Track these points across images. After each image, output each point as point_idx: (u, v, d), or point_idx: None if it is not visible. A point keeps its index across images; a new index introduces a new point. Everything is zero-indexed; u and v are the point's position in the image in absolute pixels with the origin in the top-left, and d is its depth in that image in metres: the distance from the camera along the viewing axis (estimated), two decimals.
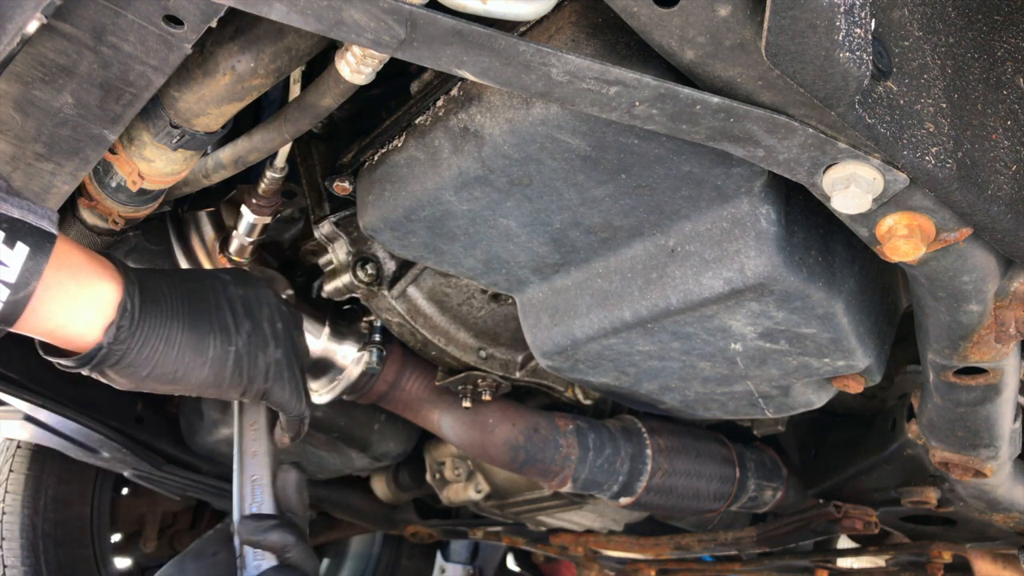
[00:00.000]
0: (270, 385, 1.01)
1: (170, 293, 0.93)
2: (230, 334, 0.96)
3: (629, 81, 0.74)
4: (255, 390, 1.01)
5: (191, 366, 0.93)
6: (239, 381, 0.98)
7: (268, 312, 1.02)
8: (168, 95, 0.93)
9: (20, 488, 2.32)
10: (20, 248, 0.77)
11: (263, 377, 1.00)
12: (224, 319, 0.96)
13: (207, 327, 0.94)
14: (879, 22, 0.79)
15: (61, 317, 0.84)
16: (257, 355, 0.99)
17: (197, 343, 0.93)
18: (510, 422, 1.52)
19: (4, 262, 0.76)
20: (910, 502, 1.69)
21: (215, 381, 0.96)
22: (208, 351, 0.94)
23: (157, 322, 0.90)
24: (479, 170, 1.01)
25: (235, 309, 0.98)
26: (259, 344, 0.99)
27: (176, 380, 0.93)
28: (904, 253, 0.85)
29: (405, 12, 0.69)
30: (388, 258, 1.35)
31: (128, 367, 0.89)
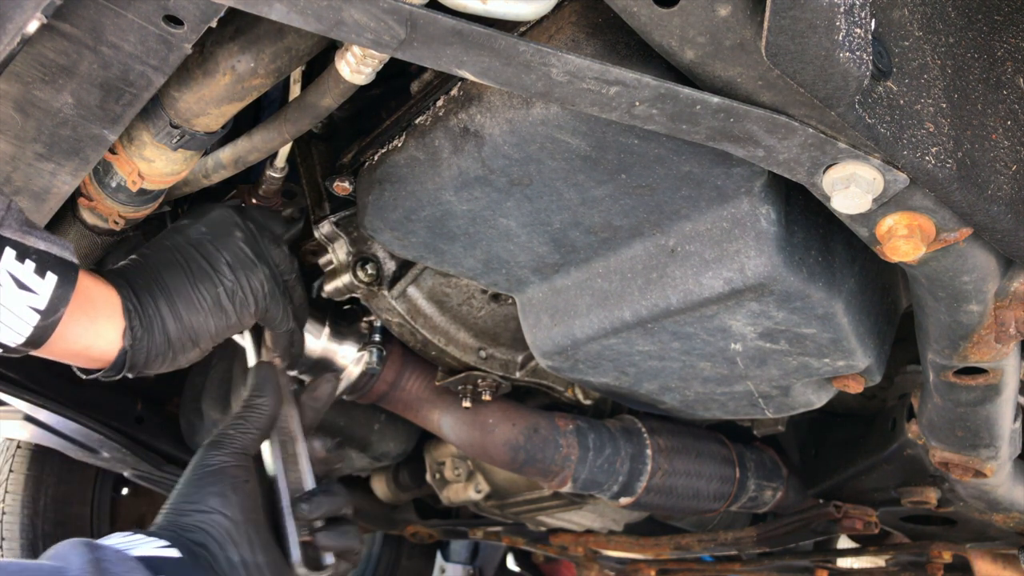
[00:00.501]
0: (266, 304, 1.06)
1: (146, 277, 0.98)
2: (211, 277, 1.02)
3: (629, 81, 0.74)
4: (259, 311, 1.06)
5: (197, 324, 1.00)
6: (246, 310, 1.04)
7: (240, 233, 1.06)
8: (168, 95, 0.93)
9: (20, 488, 2.32)
10: (50, 277, 0.84)
11: (261, 296, 1.05)
12: (200, 268, 1.01)
13: (188, 286, 1.00)
14: (879, 22, 0.79)
15: (86, 338, 0.91)
16: (248, 278, 1.04)
17: (188, 304, 0.99)
18: (510, 422, 1.52)
19: (35, 290, 0.83)
20: (910, 502, 1.69)
21: (225, 324, 1.02)
22: (204, 302, 1.00)
23: (152, 307, 0.96)
24: (479, 170, 1.01)
25: (204, 250, 1.03)
26: (245, 268, 1.04)
27: (196, 342, 1.00)
28: (904, 253, 0.85)
29: (405, 12, 0.69)
30: (388, 258, 1.35)
31: (157, 357, 0.97)
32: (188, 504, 0.93)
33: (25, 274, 0.82)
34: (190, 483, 0.96)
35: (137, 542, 0.85)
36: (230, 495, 0.94)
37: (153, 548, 0.84)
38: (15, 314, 0.82)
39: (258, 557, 0.92)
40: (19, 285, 0.82)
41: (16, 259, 0.81)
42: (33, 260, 0.83)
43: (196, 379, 2.02)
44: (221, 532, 0.91)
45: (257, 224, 1.10)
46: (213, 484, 0.95)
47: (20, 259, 0.82)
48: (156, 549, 0.84)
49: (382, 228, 1.17)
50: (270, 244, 1.11)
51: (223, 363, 1.78)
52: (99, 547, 0.82)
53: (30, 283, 0.82)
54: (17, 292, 0.82)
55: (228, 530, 0.91)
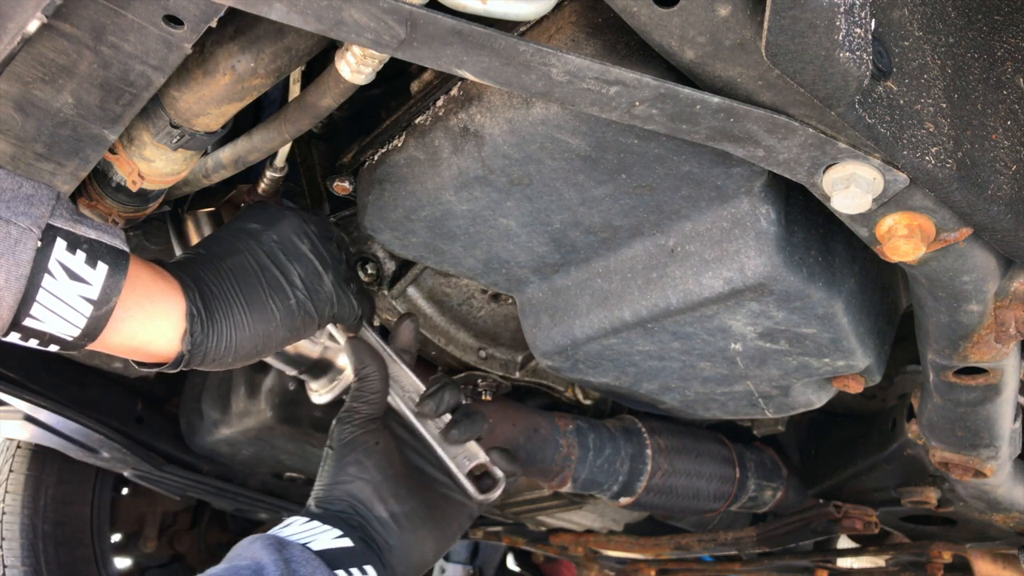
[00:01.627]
0: (335, 308, 1.08)
1: (219, 280, 0.97)
2: (284, 289, 1.01)
3: (629, 81, 0.74)
4: (327, 318, 1.07)
5: (265, 335, 0.99)
6: (312, 321, 1.04)
7: (307, 243, 1.06)
8: (168, 95, 0.93)
9: (20, 488, 2.32)
10: (100, 267, 0.83)
11: (329, 305, 1.06)
12: (274, 278, 1.01)
13: (263, 296, 0.99)
14: (879, 22, 0.79)
15: (144, 335, 0.90)
16: (317, 290, 1.05)
17: (261, 315, 0.99)
18: (510, 422, 1.52)
19: (87, 280, 0.82)
20: (910, 502, 1.69)
21: (291, 334, 1.03)
22: (275, 316, 1.00)
23: (221, 316, 0.95)
24: (479, 170, 1.01)
25: (278, 260, 1.02)
26: (314, 280, 1.04)
27: (260, 352, 1.01)
28: (904, 253, 0.85)
29: (405, 12, 0.69)
30: (388, 258, 1.35)
31: (213, 361, 0.97)
32: (332, 481, 1.03)
33: (77, 264, 0.81)
34: (330, 461, 1.05)
35: (315, 532, 0.95)
36: (364, 460, 1.04)
37: (330, 540, 0.94)
38: (69, 305, 0.82)
39: (405, 506, 1.03)
40: (71, 276, 0.81)
41: (67, 249, 0.81)
42: (84, 250, 0.82)
43: (196, 379, 2.02)
44: (365, 496, 1.01)
45: (319, 227, 1.10)
46: (348, 455, 1.04)
47: (71, 249, 0.81)
48: (332, 540, 0.94)
49: (382, 228, 1.17)
50: (328, 242, 1.11)
51: None
52: (286, 545, 0.91)
53: (82, 273, 0.82)
54: (69, 283, 0.81)
55: (370, 492, 1.01)
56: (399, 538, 1.01)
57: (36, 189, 0.82)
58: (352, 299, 1.10)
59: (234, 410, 1.85)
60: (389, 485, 1.03)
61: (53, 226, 0.81)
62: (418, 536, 1.03)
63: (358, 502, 1.01)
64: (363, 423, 1.07)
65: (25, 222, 0.78)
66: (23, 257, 0.78)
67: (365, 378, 1.10)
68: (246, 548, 0.92)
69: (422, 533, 1.04)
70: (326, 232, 1.12)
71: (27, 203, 0.80)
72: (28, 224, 0.78)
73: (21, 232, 0.78)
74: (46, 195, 0.82)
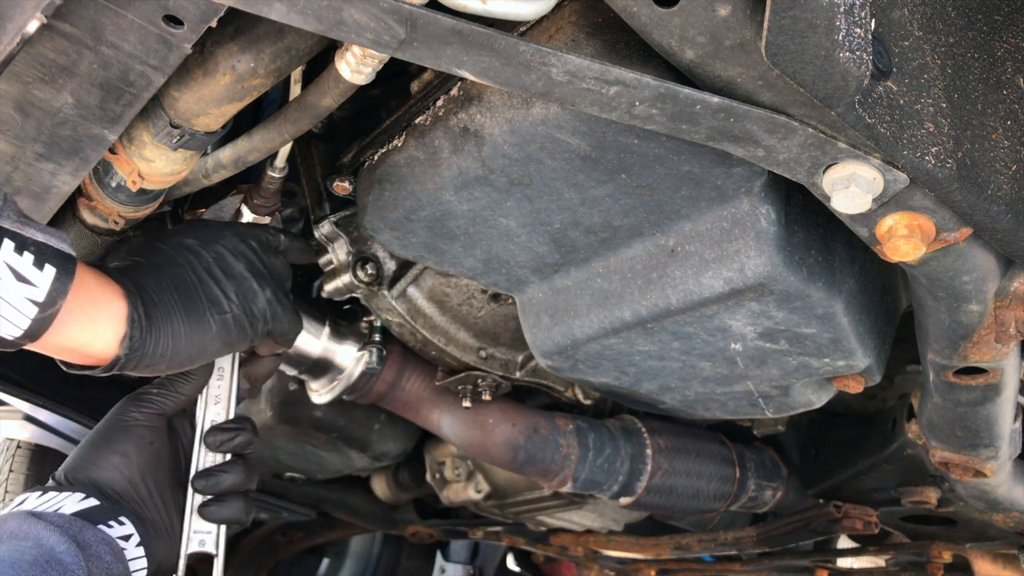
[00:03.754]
0: (271, 325, 1.07)
1: (160, 289, 0.97)
2: (221, 303, 1.02)
3: (629, 81, 0.74)
4: (260, 334, 1.07)
5: (200, 345, 0.99)
6: (245, 336, 1.04)
7: (244, 262, 1.06)
8: (168, 95, 0.93)
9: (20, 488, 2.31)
10: (48, 270, 0.83)
11: (263, 321, 1.06)
12: (211, 291, 1.01)
13: (201, 307, 1.00)
14: (879, 22, 0.79)
15: (83, 337, 0.90)
16: (251, 307, 1.04)
17: (198, 325, 0.99)
18: (510, 422, 1.52)
19: (34, 282, 0.82)
20: (910, 502, 1.69)
21: (225, 346, 1.03)
22: (210, 327, 1.00)
23: (160, 323, 0.96)
24: (479, 170, 1.01)
25: (214, 275, 1.03)
26: (249, 298, 1.04)
27: (193, 360, 1.00)
28: (904, 253, 0.85)
29: (405, 12, 0.69)
30: (388, 258, 1.35)
31: (147, 367, 0.96)
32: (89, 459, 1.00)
33: (24, 266, 0.81)
34: (99, 437, 1.02)
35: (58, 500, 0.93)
36: (133, 455, 1.01)
37: (76, 503, 0.92)
38: (13, 306, 0.81)
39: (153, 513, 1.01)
40: (17, 277, 0.81)
41: (15, 251, 0.81)
42: (32, 252, 0.82)
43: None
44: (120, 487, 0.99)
45: (259, 242, 1.10)
46: (119, 442, 1.01)
47: (19, 251, 0.81)
48: (79, 503, 0.92)
49: (382, 228, 1.17)
50: (270, 257, 1.11)
51: None
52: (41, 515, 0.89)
53: (28, 275, 0.81)
54: (15, 284, 0.81)
55: (125, 487, 0.99)
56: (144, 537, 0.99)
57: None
58: (291, 316, 1.10)
59: None
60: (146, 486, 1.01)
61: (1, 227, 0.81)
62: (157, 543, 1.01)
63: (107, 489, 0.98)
64: (150, 414, 1.04)
65: None
66: None
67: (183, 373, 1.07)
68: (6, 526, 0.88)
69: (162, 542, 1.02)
70: (270, 248, 1.11)
71: None
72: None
73: None
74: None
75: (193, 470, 1.07)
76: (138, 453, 1.02)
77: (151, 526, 1.00)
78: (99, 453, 1.01)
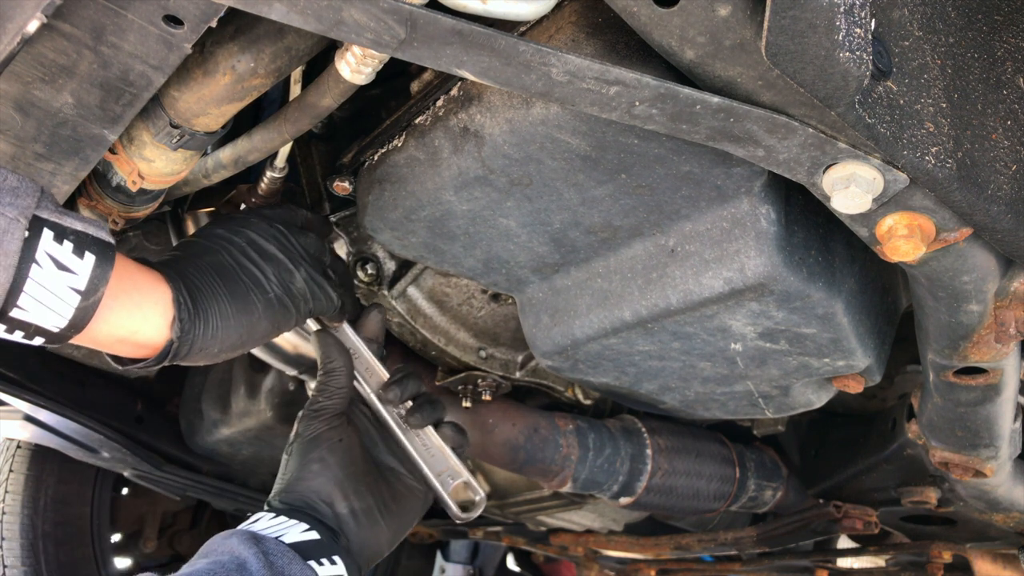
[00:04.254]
0: (311, 303, 1.09)
1: (200, 273, 0.99)
2: (262, 283, 1.03)
3: (629, 81, 0.74)
4: (304, 314, 1.09)
5: (248, 325, 1.01)
6: (289, 315, 1.06)
7: (276, 244, 1.08)
8: (168, 95, 0.93)
9: (20, 488, 2.32)
10: (88, 257, 0.83)
11: (304, 301, 1.08)
12: (250, 273, 1.03)
13: (244, 288, 1.01)
14: (879, 22, 0.79)
15: (132, 323, 0.90)
16: (290, 287, 1.06)
17: (244, 305, 1.00)
18: (510, 422, 1.52)
19: (74, 271, 0.82)
20: (910, 502, 1.69)
21: (272, 327, 1.04)
22: (256, 307, 1.01)
23: (207, 305, 0.96)
24: (479, 170, 1.01)
25: (252, 259, 1.05)
26: (287, 278, 1.06)
27: (244, 344, 1.02)
28: (904, 253, 0.85)
29: (405, 12, 0.69)
30: (388, 258, 1.35)
31: (200, 351, 0.97)
32: (296, 476, 1.06)
33: (64, 255, 0.81)
34: (295, 456, 1.08)
35: (284, 527, 0.98)
36: (328, 457, 1.07)
37: (299, 533, 0.98)
38: (57, 295, 0.81)
39: (364, 502, 1.07)
40: (58, 266, 0.81)
41: (54, 240, 0.81)
42: (71, 240, 0.82)
43: (196, 379, 2.02)
44: (327, 492, 1.05)
45: (284, 223, 1.12)
46: (312, 451, 1.08)
47: (58, 240, 0.81)
48: (301, 534, 0.98)
49: (382, 228, 1.17)
50: (300, 237, 1.12)
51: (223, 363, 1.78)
52: (261, 539, 0.93)
53: (69, 263, 0.81)
54: (57, 273, 0.81)
55: (332, 488, 1.05)
56: (357, 533, 1.05)
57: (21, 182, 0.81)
58: (329, 292, 1.11)
59: (234, 410, 1.85)
60: (350, 482, 1.07)
61: (40, 217, 0.80)
62: (375, 531, 1.07)
63: (320, 499, 1.05)
64: (328, 419, 1.11)
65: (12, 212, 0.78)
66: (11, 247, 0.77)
67: (331, 372, 1.13)
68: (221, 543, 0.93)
69: (379, 528, 1.08)
70: (296, 227, 1.13)
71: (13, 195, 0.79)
72: (15, 215, 0.78)
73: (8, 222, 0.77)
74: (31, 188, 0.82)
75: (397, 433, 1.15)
76: (332, 454, 1.07)
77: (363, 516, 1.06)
78: (302, 468, 1.07)
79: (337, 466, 1.07)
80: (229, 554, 0.90)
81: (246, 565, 0.88)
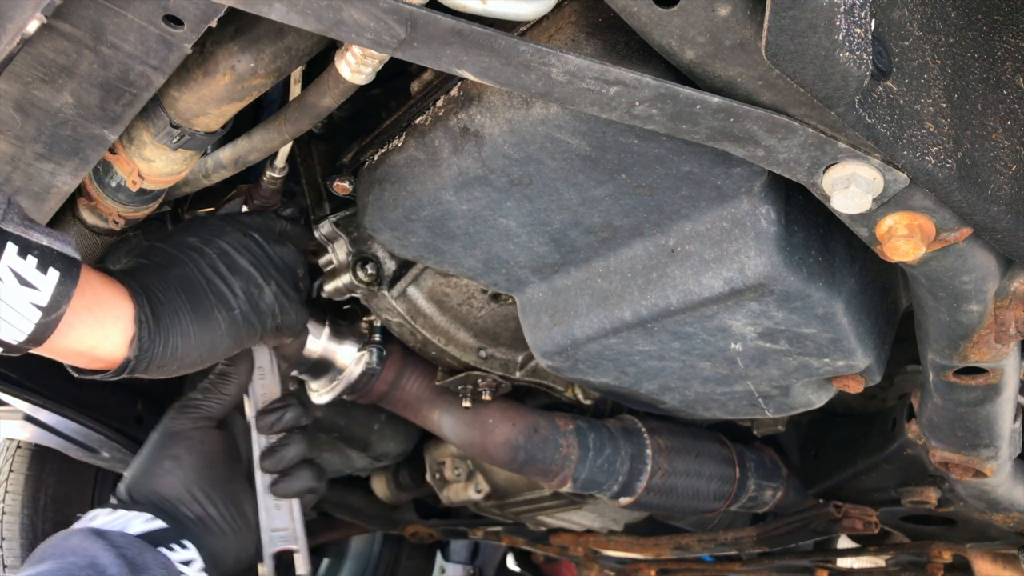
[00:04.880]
0: (279, 319, 1.08)
1: (165, 288, 0.97)
2: (228, 300, 1.02)
3: (629, 81, 0.74)
4: (269, 329, 1.07)
5: (210, 343, 1.00)
6: (254, 331, 1.05)
7: (248, 256, 1.06)
8: (168, 95, 0.93)
9: (20, 488, 2.31)
10: (52, 273, 0.82)
11: (271, 316, 1.07)
12: (217, 288, 1.01)
13: (208, 305, 1.00)
14: (879, 22, 0.79)
15: (92, 339, 0.90)
16: (257, 303, 1.05)
17: (206, 324, 0.99)
18: (510, 422, 1.52)
19: (37, 286, 0.81)
20: (910, 502, 1.68)
21: (235, 344, 1.03)
22: (219, 325, 1.00)
23: (168, 323, 0.95)
24: (479, 170, 1.01)
25: (220, 272, 1.03)
26: (255, 294, 1.05)
27: (204, 360, 1.01)
28: (904, 253, 0.85)
29: (405, 12, 0.69)
30: (388, 258, 1.35)
31: (158, 368, 0.96)
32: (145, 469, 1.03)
33: (27, 270, 0.80)
34: (152, 448, 1.04)
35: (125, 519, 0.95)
36: (184, 458, 1.04)
37: (142, 523, 0.94)
38: (17, 311, 0.81)
39: (213, 510, 1.03)
40: (21, 281, 0.80)
41: (18, 254, 0.80)
42: (35, 256, 0.81)
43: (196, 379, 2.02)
44: (174, 493, 1.01)
45: (261, 233, 1.10)
46: (170, 448, 1.04)
47: (22, 255, 0.80)
48: (145, 523, 0.94)
49: (382, 228, 1.17)
50: (275, 247, 1.10)
51: None
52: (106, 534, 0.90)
53: (32, 279, 0.81)
54: (19, 288, 0.80)
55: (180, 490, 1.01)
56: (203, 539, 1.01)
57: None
58: (299, 308, 1.10)
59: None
60: (202, 486, 1.03)
61: (4, 230, 0.80)
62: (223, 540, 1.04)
63: (164, 499, 1.01)
64: (197, 419, 1.08)
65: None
66: None
67: (223, 376, 1.11)
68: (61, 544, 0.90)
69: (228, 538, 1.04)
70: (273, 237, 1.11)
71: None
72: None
73: None
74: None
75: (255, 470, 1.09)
76: (189, 455, 1.04)
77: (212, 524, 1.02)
78: (154, 463, 1.03)
79: (191, 468, 1.04)
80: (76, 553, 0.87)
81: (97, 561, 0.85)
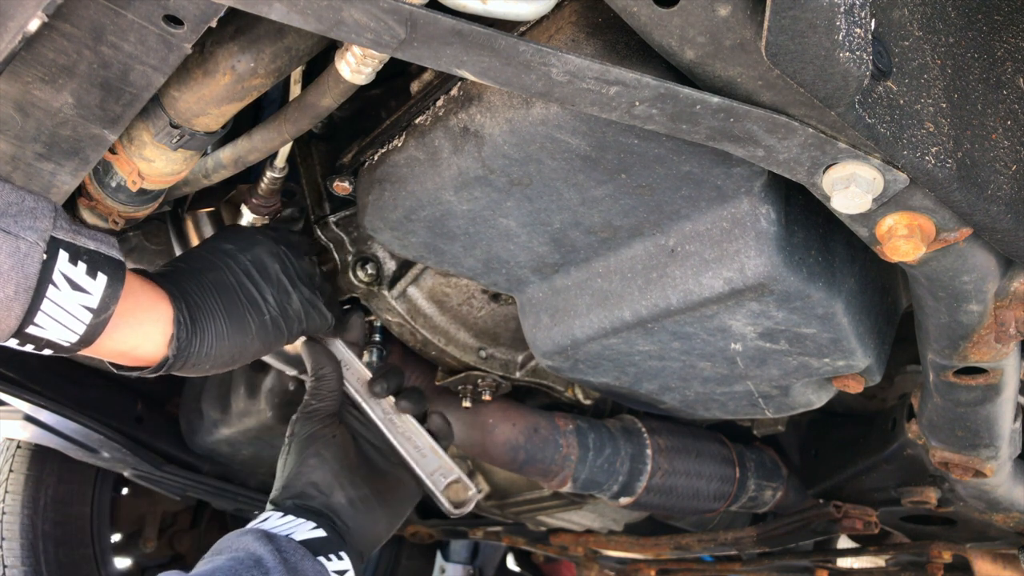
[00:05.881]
0: (304, 324, 1.15)
1: (202, 292, 1.03)
2: (259, 305, 1.08)
3: (629, 81, 0.74)
4: (296, 334, 1.15)
5: (242, 346, 1.06)
6: (282, 336, 1.12)
7: (277, 264, 1.13)
8: (168, 95, 0.93)
9: (20, 488, 2.32)
10: (100, 277, 0.88)
11: (298, 322, 1.14)
12: (249, 294, 1.08)
13: (241, 309, 1.06)
14: (879, 22, 0.79)
15: (134, 339, 0.96)
16: (286, 308, 1.12)
17: (239, 326, 1.05)
18: (510, 422, 1.52)
19: (88, 290, 0.87)
20: (910, 502, 1.68)
21: (264, 346, 1.10)
22: (251, 328, 1.07)
23: (204, 324, 1.01)
24: (479, 170, 1.01)
25: (252, 278, 1.09)
26: (284, 299, 1.12)
27: (235, 361, 1.07)
28: (904, 253, 0.85)
29: (405, 12, 0.69)
30: (388, 258, 1.35)
31: (193, 366, 1.02)
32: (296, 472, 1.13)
33: (78, 275, 0.86)
34: (293, 454, 1.15)
35: (293, 525, 1.03)
36: (323, 452, 1.14)
37: (308, 531, 1.03)
38: (71, 314, 0.86)
39: (360, 491, 1.13)
40: (73, 286, 0.85)
41: (69, 261, 0.85)
42: (84, 261, 0.87)
43: (196, 379, 2.02)
44: (326, 483, 1.11)
45: (290, 246, 1.17)
46: (309, 448, 1.14)
47: (73, 261, 0.86)
48: (310, 532, 1.03)
49: (382, 228, 1.17)
50: (301, 260, 1.18)
51: None
52: (275, 537, 0.98)
53: (83, 283, 0.86)
54: (72, 293, 0.85)
55: (330, 480, 1.12)
56: (355, 520, 1.12)
57: (37, 202, 0.86)
58: (323, 311, 1.18)
59: (234, 410, 1.85)
60: (346, 474, 1.14)
61: (56, 239, 0.85)
62: (372, 518, 1.14)
63: (319, 491, 1.11)
64: (322, 419, 1.17)
65: (32, 236, 0.82)
66: (31, 270, 0.82)
67: (322, 378, 1.20)
68: (235, 540, 0.98)
69: (376, 515, 1.14)
70: (298, 249, 1.19)
71: (32, 217, 0.84)
72: (35, 238, 0.83)
73: (29, 247, 0.82)
74: (47, 208, 0.86)
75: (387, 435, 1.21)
76: (328, 449, 1.14)
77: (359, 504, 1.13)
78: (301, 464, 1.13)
79: (334, 460, 1.14)
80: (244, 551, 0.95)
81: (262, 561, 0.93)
